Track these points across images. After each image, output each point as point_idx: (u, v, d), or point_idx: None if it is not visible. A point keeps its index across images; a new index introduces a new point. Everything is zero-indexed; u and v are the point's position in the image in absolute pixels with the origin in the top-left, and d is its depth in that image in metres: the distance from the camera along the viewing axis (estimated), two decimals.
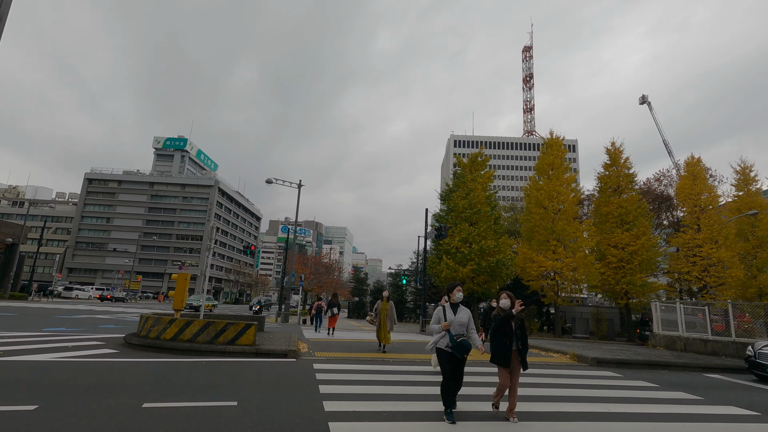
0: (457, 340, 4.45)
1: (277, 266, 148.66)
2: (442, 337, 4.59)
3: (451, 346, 4.46)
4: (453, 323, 4.58)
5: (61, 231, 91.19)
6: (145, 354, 7.85)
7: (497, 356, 4.81)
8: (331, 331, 18.78)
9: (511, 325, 4.81)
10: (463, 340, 4.48)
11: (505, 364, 4.72)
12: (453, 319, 4.61)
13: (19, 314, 17.57)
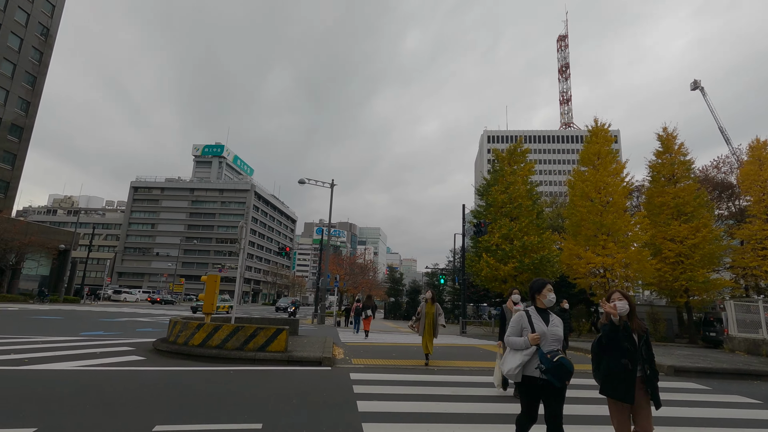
0: (552, 359, 3.08)
1: (313, 267, 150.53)
2: (531, 356, 3.17)
3: (546, 369, 3.06)
4: (545, 336, 3.19)
5: (111, 237, 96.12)
6: (172, 361, 7.38)
7: (612, 385, 3.18)
8: (366, 333, 18.14)
9: (633, 339, 3.22)
10: (562, 358, 3.09)
11: (627, 398, 3.11)
12: (545, 331, 3.21)
13: (65, 317, 17.99)
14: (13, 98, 47.86)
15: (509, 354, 3.34)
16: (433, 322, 8.50)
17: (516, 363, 3.20)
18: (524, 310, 3.40)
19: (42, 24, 51.45)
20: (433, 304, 8.61)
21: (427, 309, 8.54)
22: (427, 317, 8.43)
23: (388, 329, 25.05)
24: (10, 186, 47.81)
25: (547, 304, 3.36)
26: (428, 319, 8.43)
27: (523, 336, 3.26)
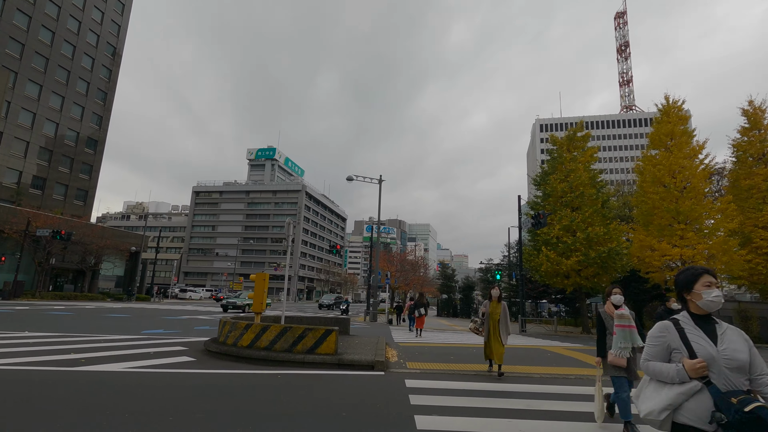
0: (743, 407, 1.74)
1: (364, 265, 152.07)
2: (690, 396, 1.91)
3: (729, 423, 1.75)
4: (716, 363, 1.92)
5: (177, 239, 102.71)
6: (220, 363, 7.13)
7: None
8: (419, 331, 17.56)
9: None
10: (760, 408, 1.72)
11: None
12: (713, 355, 1.94)
13: (132, 316, 18.96)
14: (88, 114, 52.07)
15: (649, 387, 2.10)
16: (501, 324, 7.25)
17: (662, 403, 1.97)
18: (672, 319, 2.12)
19: (110, 44, 55.54)
20: (500, 303, 7.34)
21: (492, 309, 7.35)
22: (492, 318, 7.27)
23: (441, 327, 24.19)
24: (88, 194, 52.15)
25: (709, 308, 2.05)
26: (494, 320, 7.26)
27: (674, 361, 2.02)
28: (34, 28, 45.34)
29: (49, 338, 9.54)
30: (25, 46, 44.49)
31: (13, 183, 43.23)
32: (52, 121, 47.40)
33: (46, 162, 46.54)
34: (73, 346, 8.32)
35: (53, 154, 47.22)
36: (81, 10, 51.02)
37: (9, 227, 34.06)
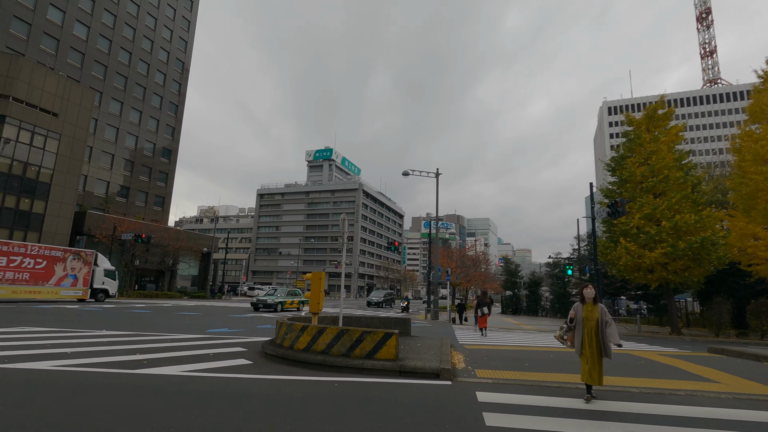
0: None
1: (423, 261, 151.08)
2: None
3: None
4: None
5: (245, 240, 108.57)
6: (276, 368, 6.79)
7: None
8: (484, 331, 16.61)
9: None
10: None
11: None
12: None
13: (202, 314, 19.81)
14: (162, 126, 56.23)
15: None
16: (600, 333, 5.44)
17: None
18: None
19: (179, 59, 59.53)
20: (596, 306, 5.58)
21: (587, 313, 5.56)
22: (587, 326, 5.49)
23: (507, 326, 22.79)
24: (165, 200, 56.41)
25: None
26: (590, 328, 5.46)
27: None
28: (114, 50, 49.69)
29: (121, 337, 9.91)
30: (108, 67, 48.90)
31: (102, 192, 47.77)
32: (132, 135, 51.76)
33: (129, 172, 50.91)
34: (140, 346, 8.49)
35: (134, 165, 51.56)
36: (153, 30, 55.14)
37: (99, 232, 37.57)
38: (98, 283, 27.63)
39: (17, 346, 7.96)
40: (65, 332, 10.46)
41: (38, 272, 24.27)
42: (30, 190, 34.15)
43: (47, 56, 42.24)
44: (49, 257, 24.96)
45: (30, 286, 23.95)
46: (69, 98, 37.15)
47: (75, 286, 26.16)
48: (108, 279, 28.53)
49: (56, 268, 25.35)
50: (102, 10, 48.55)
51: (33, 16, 41.55)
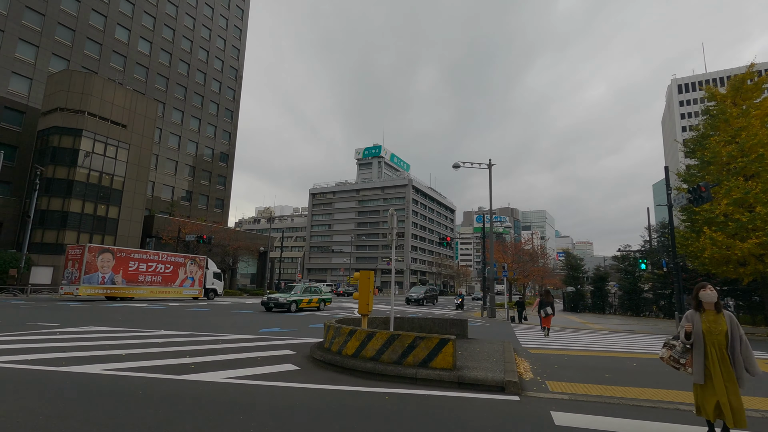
0: None
1: (476, 257, 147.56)
2: None
3: None
4: None
5: (299, 239, 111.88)
6: (323, 375, 6.32)
7: None
8: (548, 331, 15.40)
9: None
10: None
11: None
12: None
13: (257, 312, 20.15)
14: (219, 132, 58.94)
15: None
16: (733, 352, 3.86)
17: None
18: None
19: (233, 67, 62.06)
20: (720, 314, 4.00)
21: (709, 325, 3.97)
22: (711, 342, 3.92)
23: (573, 325, 21.09)
24: (224, 203, 59.20)
25: None
26: (716, 345, 3.90)
27: None
28: (174, 63, 52.72)
29: (177, 338, 10.01)
30: (169, 79, 51.98)
31: (168, 197, 50.96)
32: (192, 141, 54.75)
33: (191, 177, 53.92)
34: (192, 348, 8.44)
35: (195, 170, 54.52)
36: (208, 40, 57.87)
37: (166, 234, 39.98)
38: (209, 284, 32.13)
39: (81, 347, 8.17)
40: (128, 332, 10.80)
41: (167, 275, 28.78)
42: (105, 197, 37.02)
43: (116, 72, 45.61)
44: (174, 263, 29.46)
45: (162, 287, 28.39)
46: (136, 110, 39.80)
47: (193, 287, 30.55)
48: (216, 280, 32.96)
49: (180, 271, 29.80)
50: (162, 25, 51.65)
51: (103, 36, 45.00)
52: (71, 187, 34.55)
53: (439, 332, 10.78)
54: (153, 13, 50.38)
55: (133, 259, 26.75)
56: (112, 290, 25.32)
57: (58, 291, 30.40)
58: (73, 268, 24.61)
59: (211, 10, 58.61)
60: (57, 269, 33.40)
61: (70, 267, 24.85)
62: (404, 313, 23.30)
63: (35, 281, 32.22)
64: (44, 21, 40.03)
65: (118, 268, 25.76)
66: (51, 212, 34.12)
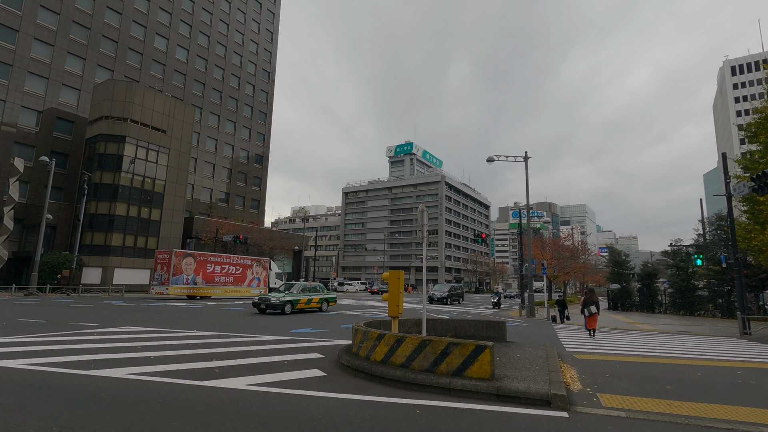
0: None
1: (513, 253, 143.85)
2: None
3: None
4: None
5: (333, 237, 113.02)
6: (350, 383, 5.92)
7: None
8: (592, 332, 14.44)
9: None
10: None
11: None
12: None
13: (290, 312, 20.15)
14: (254, 134, 60.22)
15: None
16: None
17: None
18: None
19: (265, 70, 63.24)
20: None
21: None
22: None
23: (620, 325, 19.77)
24: (260, 203, 60.49)
25: None
26: None
27: None
28: (209, 68, 54.30)
29: (207, 338, 9.96)
30: (205, 84, 53.59)
31: (207, 199, 52.60)
32: (228, 144, 56.23)
33: (228, 179, 55.42)
34: (220, 350, 8.31)
35: (232, 172, 55.97)
36: (241, 45, 59.20)
37: (204, 235, 41.21)
38: (272, 283, 34.97)
39: (113, 348, 8.22)
40: (163, 333, 10.90)
41: (238, 276, 31.37)
42: (148, 200, 38.58)
43: (156, 80, 47.46)
44: (243, 265, 31.91)
45: (233, 287, 31.00)
46: (174, 115, 41.21)
47: (259, 286, 32.96)
48: (277, 280, 36.21)
49: (248, 272, 32.28)
50: (198, 33, 53.30)
51: (143, 46, 46.93)
52: (116, 191, 36.22)
53: (475, 335, 10.18)
54: (189, 21, 52.07)
55: (210, 262, 29.37)
56: (194, 290, 27.85)
57: (105, 291, 32.06)
58: (162, 270, 27.41)
59: (243, 15, 59.92)
60: (106, 269, 35.18)
61: (159, 270, 27.68)
62: (439, 312, 22.66)
63: (86, 281, 34.06)
64: (90, 34, 42.18)
65: (198, 270, 28.40)
66: (99, 216, 35.92)
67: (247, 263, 32.29)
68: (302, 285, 20.52)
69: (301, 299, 19.42)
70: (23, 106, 37.21)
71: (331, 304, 21.94)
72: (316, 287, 21.39)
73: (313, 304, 20.23)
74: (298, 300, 19.28)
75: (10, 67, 36.57)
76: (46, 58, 38.91)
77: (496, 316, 23.73)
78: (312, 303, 20.17)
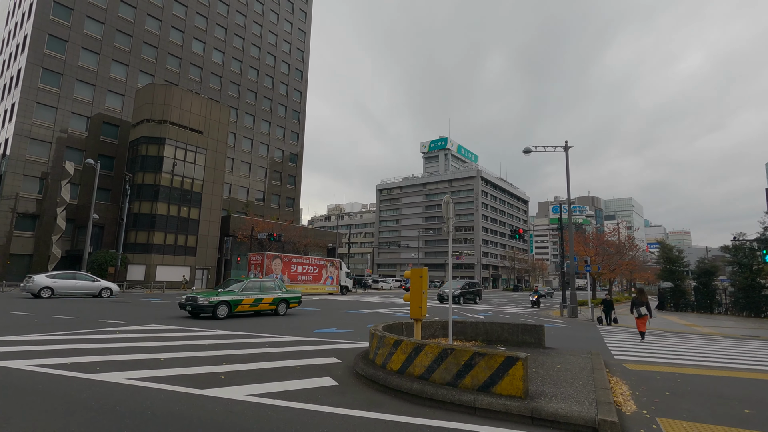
0: None
1: (553, 250, 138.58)
2: None
3: None
4: None
5: (368, 235, 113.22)
6: (362, 396, 5.26)
7: None
8: (642, 335, 13.17)
9: None
10: None
11: None
12: None
13: (321, 309, 19.86)
14: (288, 133, 60.95)
15: None
16: None
17: None
18: None
19: (298, 69, 63.82)
20: None
21: None
22: None
23: (674, 327, 18.02)
24: (295, 201, 61.22)
25: None
26: None
27: None
28: (244, 70, 55.37)
29: (225, 339, 9.65)
30: (240, 86, 54.72)
31: (244, 198, 53.77)
32: (264, 144, 57.20)
33: (264, 178, 56.42)
34: (233, 352, 7.92)
35: (267, 171, 56.92)
36: (274, 45, 60.00)
37: (241, 233, 42.01)
38: (343, 282, 38.81)
39: (128, 349, 8.03)
40: (184, 331, 10.73)
41: (315, 275, 35.09)
42: (187, 199, 39.75)
43: (194, 83, 48.91)
44: (319, 265, 35.74)
45: (312, 285, 34.59)
46: (210, 116, 42.22)
47: (332, 284, 36.83)
48: (347, 279, 39.68)
49: (323, 272, 35.90)
50: (233, 35, 54.45)
51: (182, 50, 48.44)
52: (157, 191, 37.53)
53: (509, 340, 9.24)
54: (224, 24, 53.26)
55: (293, 262, 33.19)
56: None
57: (147, 288, 33.34)
58: (255, 270, 31.28)
59: (276, 16, 60.66)
60: (149, 267, 36.57)
61: (253, 270, 31.50)
62: (467, 320, 21.62)
63: (131, 278, 35.57)
64: (132, 41, 43.97)
65: (284, 270, 32.11)
66: (142, 215, 37.37)
67: (322, 263, 35.89)
68: (246, 283, 15.76)
69: (243, 299, 14.96)
70: (73, 112, 39.30)
71: (292, 305, 16.79)
72: (271, 284, 16.60)
73: (263, 306, 15.66)
74: (239, 300, 14.86)
75: (61, 75, 38.69)
76: (93, 66, 40.88)
77: (534, 316, 22.42)
78: (262, 304, 15.60)
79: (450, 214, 7.80)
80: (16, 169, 35.75)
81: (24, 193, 36.10)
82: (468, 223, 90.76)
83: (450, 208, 7.75)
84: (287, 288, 18.28)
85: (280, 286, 16.80)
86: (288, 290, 17.13)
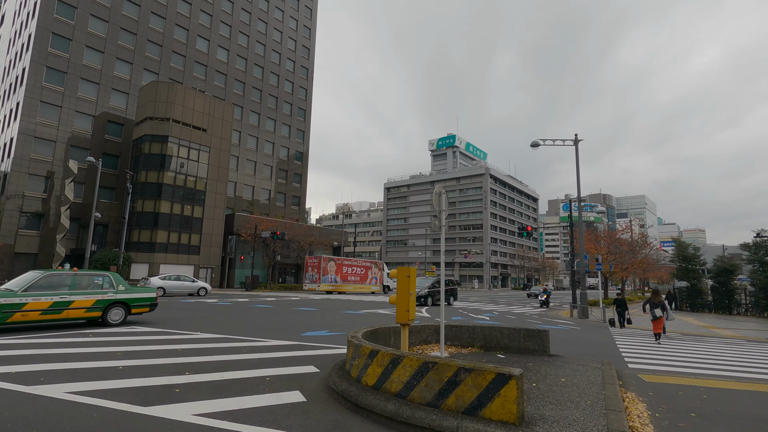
0: None
1: (564, 248, 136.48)
2: None
3: None
4: None
5: (376, 233, 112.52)
6: (327, 419, 4.48)
7: None
8: (658, 337, 12.26)
9: None
10: None
11: None
12: None
13: (319, 309, 19.16)
14: (293, 131, 60.45)
15: None
16: None
17: None
18: None
19: (304, 66, 63.27)
20: None
21: None
22: None
23: (691, 330, 16.95)
24: (300, 200, 60.74)
25: None
26: None
27: None
28: (249, 68, 54.96)
29: (201, 343, 8.98)
30: (245, 83, 54.33)
31: (249, 196, 53.40)
32: (269, 142, 56.76)
33: (269, 176, 56.00)
34: (202, 359, 7.22)
35: (272, 169, 56.49)
36: (279, 43, 59.51)
37: (245, 231, 41.56)
38: (385, 282, 42.09)
39: (90, 355, 7.40)
40: (162, 334, 10.09)
41: (362, 276, 38.83)
42: (191, 197, 39.41)
43: (198, 81, 48.62)
44: (364, 266, 39.29)
45: (359, 285, 38.18)
46: (214, 114, 41.83)
47: (376, 284, 40.15)
48: (388, 279, 42.60)
49: (368, 273, 39.46)
50: (238, 33, 54.07)
51: (186, 49, 48.16)
52: (161, 189, 37.23)
53: (510, 346, 8.39)
54: (229, 22, 52.89)
55: (344, 264, 36.93)
56: (335, 287, 35.65)
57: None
58: (312, 272, 35.53)
59: (281, 13, 60.15)
60: (152, 265, 36.28)
61: (311, 271, 35.81)
62: (462, 324, 20.68)
63: (135, 276, 35.30)
64: (136, 40, 43.77)
65: (337, 271, 35.75)
66: (145, 213, 37.11)
67: (367, 265, 39.48)
68: (44, 275, 10.25)
69: (28, 302, 9.65)
70: (77, 111, 39.20)
71: (139, 310, 11.63)
72: (94, 281, 11.00)
73: (74, 313, 10.34)
74: (21, 304, 9.59)
75: (65, 74, 38.60)
76: (97, 65, 40.75)
77: (542, 317, 21.46)
78: (70, 310, 10.24)
79: (442, 206, 7.01)
80: (21, 168, 35.74)
81: (29, 192, 36.09)
82: (477, 221, 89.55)
83: (442, 199, 6.95)
84: (144, 287, 13.19)
85: (112, 284, 11.23)
86: (133, 289, 11.78)
